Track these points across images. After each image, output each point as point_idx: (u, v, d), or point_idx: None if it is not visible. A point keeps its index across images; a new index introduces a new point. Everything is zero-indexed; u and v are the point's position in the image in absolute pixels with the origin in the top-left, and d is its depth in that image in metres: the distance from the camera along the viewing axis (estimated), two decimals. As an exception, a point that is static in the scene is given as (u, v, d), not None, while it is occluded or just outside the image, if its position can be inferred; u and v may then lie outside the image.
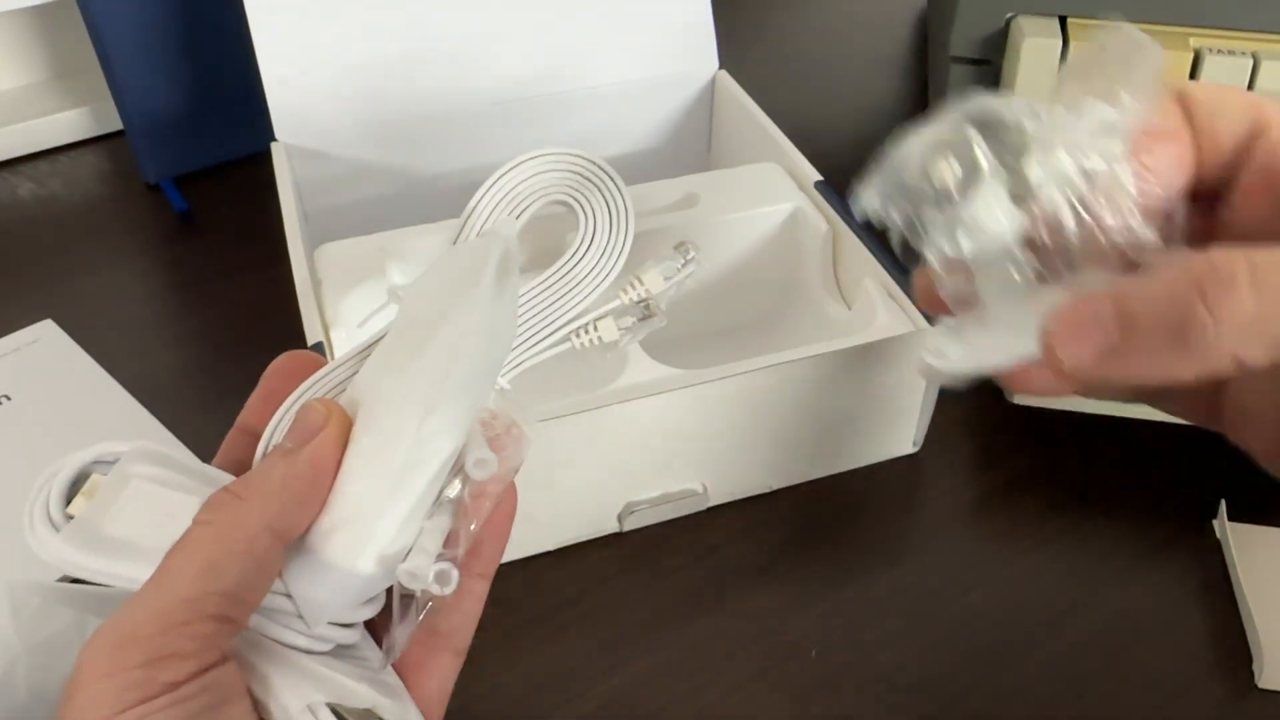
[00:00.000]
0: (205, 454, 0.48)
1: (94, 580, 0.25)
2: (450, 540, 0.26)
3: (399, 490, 0.25)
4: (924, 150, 0.25)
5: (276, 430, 0.28)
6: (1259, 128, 0.26)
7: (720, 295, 0.52)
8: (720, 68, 0.60)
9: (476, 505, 0.27)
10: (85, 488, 0.26)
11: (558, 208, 0.33)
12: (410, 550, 0.26)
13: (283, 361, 0.30)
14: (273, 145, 0.55)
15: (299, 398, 0.28)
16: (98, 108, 0.69)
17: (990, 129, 0.25)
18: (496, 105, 0.58)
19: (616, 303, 0.34)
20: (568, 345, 0.32)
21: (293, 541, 0.25)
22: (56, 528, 0.26)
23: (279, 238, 0.48)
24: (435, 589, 0.25)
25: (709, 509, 0.47)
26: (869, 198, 0.26)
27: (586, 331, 0.32)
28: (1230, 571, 0.44)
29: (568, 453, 0.42)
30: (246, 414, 0.30)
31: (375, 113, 0.56)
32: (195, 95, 0.65)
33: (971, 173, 0.25)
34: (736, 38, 0.75)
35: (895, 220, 0.26)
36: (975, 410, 0.51)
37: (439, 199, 0.58)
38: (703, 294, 0.52)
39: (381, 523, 0.25)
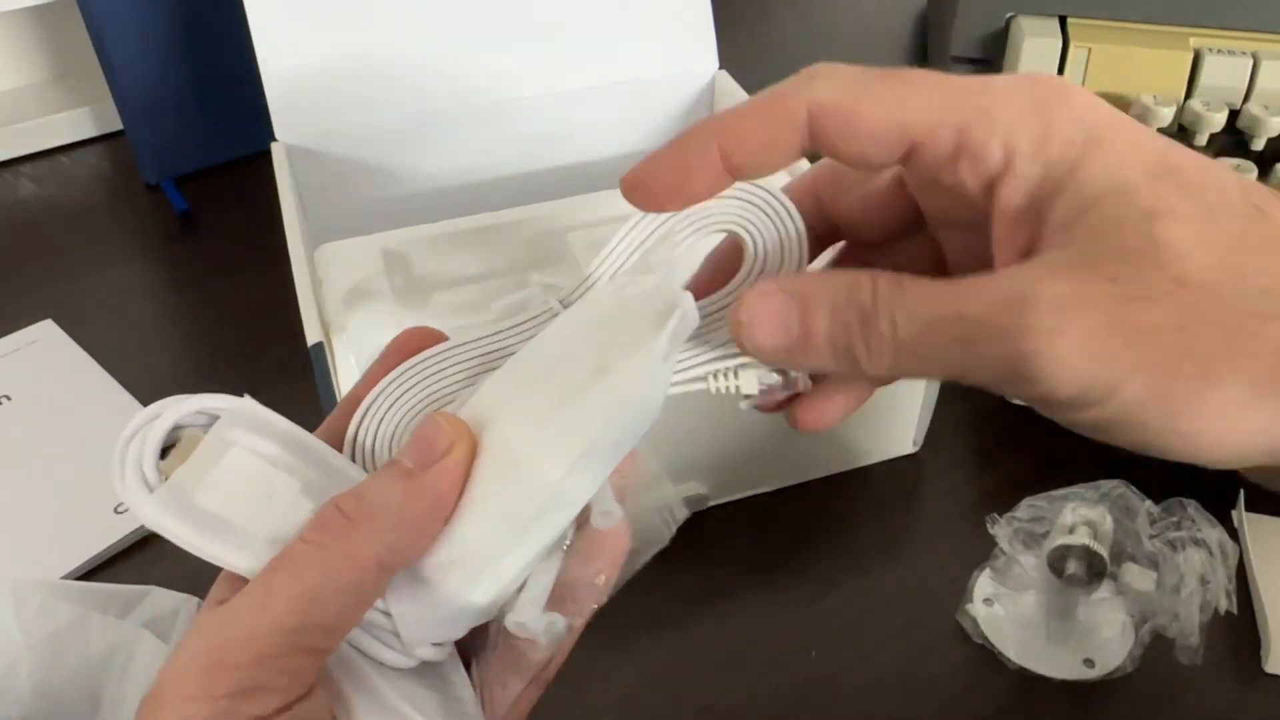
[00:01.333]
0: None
1: (184, 546, 0.24)
2: (566, 589, 0.25)
3: (527, 539, 0.24)
4: None
5: (373, 417, 0.27)
6: (912, 146, 0.25)
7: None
8: (720, 68, 0.60)
9: (596, 550, 0.26)
10: (182, 444, 0.25)
11: (716, 236, 0.30)
12: (521, 593, 0.25)
13: (406, 338, 0.29)
14: (273, 145, 0.54)
15: (408, 381, 0.27)
16: (98, 108, 0.69)
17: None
18: (496, 105, 0.57)
19: None
20: (703, 386, 0.28)
21: (402, 569, 0.24)
22: (150, 487, 0.24)
23: (279, 238, 0.48)
24: (542, 640, 0.25)
25: (709, 509, 0.47)
26: None
27: (725, 377, 0.28)
28: (1244, 560, 0.44)
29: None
30: (361, 386, 0.28)
31: (375, 113, 0.56)
32: (195, 96, 0.64)
33: None
34: (736, 38, 0.75)
35: None
36: (975, 410, 0.51)
37: (439, 199, 0.58)
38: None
39: (504, 564, 0.24)
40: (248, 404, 0.26)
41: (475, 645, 0.27)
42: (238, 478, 0.24)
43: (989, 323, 0.22)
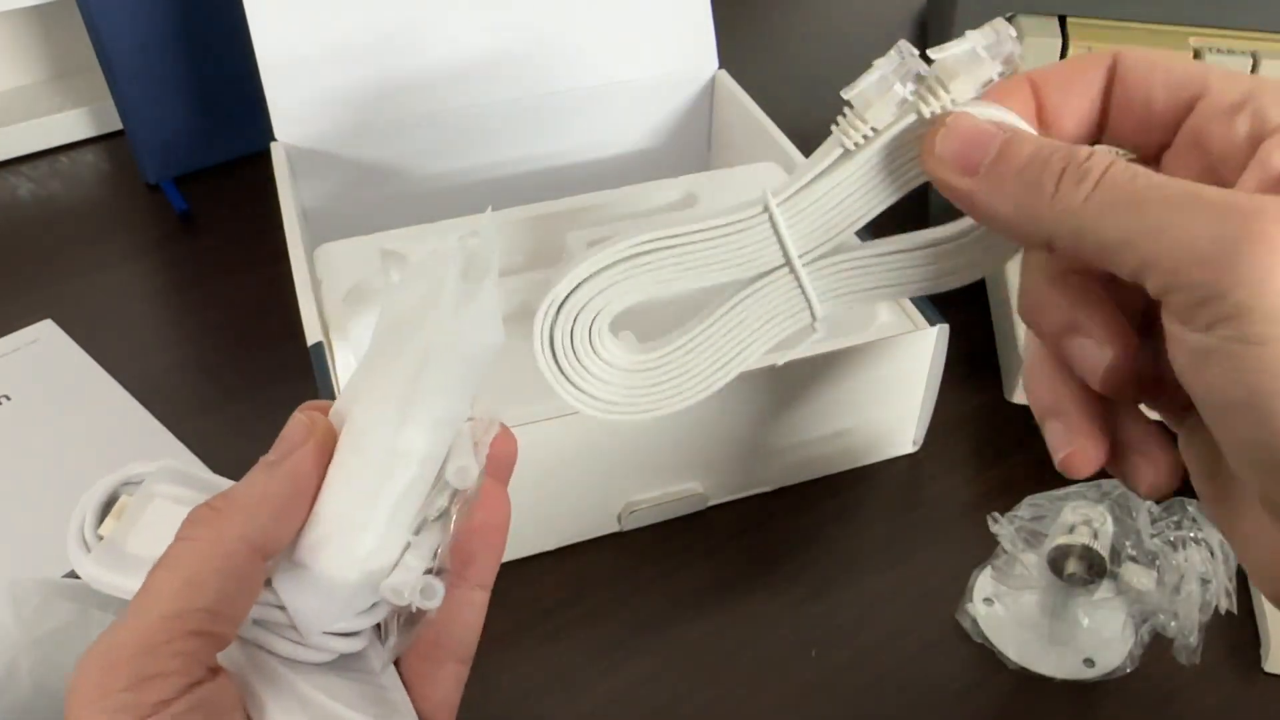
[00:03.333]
0: (205, 453, 0.48)
1: (123, 596, 0.26)
2: (457, 555, 0.27)
3: (376, 501, 0.25)
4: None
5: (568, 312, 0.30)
6: (1196, 94, 0.27)
7: (720, 295, 0.52)
8: (720, 68, 0.60)
9: (475, 513, 0.27)
10: (115, 508, 0.27)
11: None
12: (396, 564, 0.26)
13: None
14: (273, 145, 0.55)
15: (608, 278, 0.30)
16: (98, 108, 0.69)
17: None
18: (496, 105, 0.58)
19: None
20: (909, 119, 0.28)
21: (277, 554, 0.25)
22: (88, 548, 0.26)
23: (279, 238, 0.48)
24: (420, 603, 0.25)
25: (709, 509, 0.47)
26: None
27: (929, 89, 0.28)
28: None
29: (568, 453, 0.42)
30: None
31: (375, 113, 0.56)
32: (195, 95, 0.65)
33: None
34: (736, 38, 0.75)
35: None
36: (975, 410, 0.51)
37: (439, 199, 0.58)
38: (702, 293, 0.52)
39: (362, 534, 0.25)
40: (170, 462, 0.28)
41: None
42: (160, 522, 0.26)
43: (1214, 201, 0.23)
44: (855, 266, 0.31)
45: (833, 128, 0.29)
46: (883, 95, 0.28)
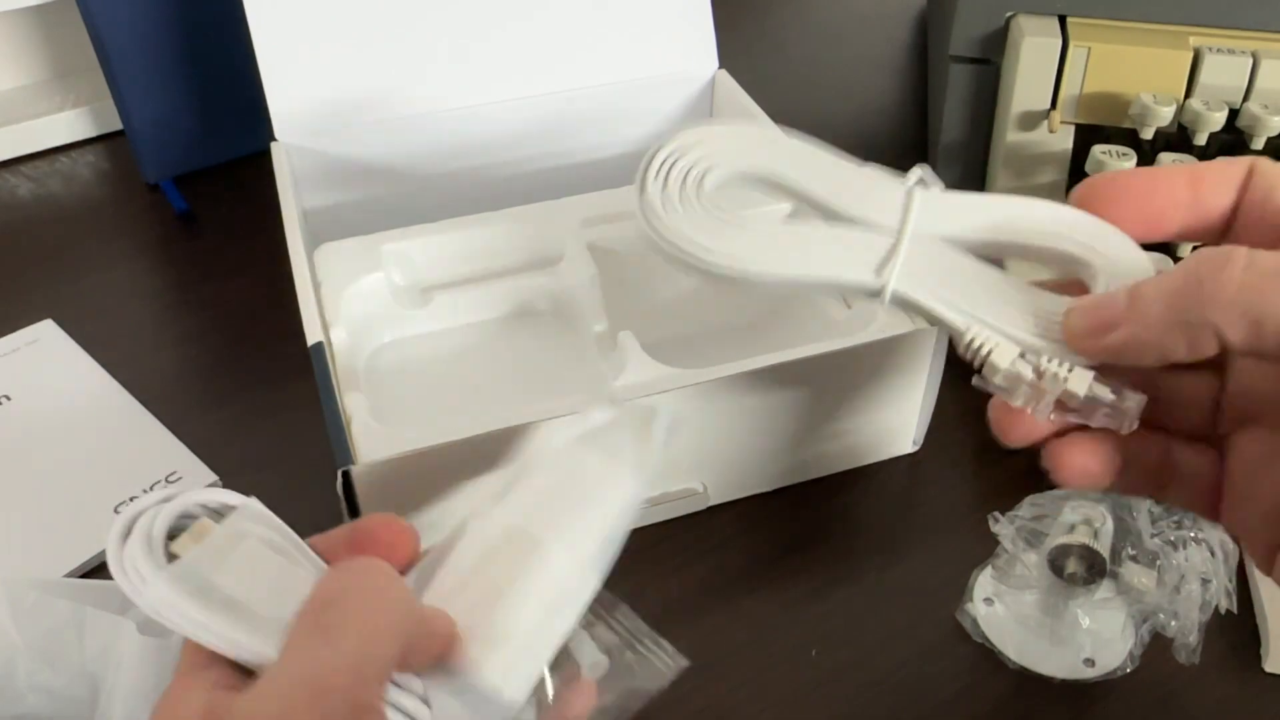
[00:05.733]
0: (205, 453, 0.48)
1: (183, 630, 0.24)
2: None
3: (553, 635, 0.26)
4: None
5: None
6: (1246, 180, 0.29)
7: (720, 295, 0.52)
8: (720, 67, 0.60)
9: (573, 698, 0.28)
10: (194, 529, 0.25)
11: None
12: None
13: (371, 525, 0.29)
14: (273, 145, 0.54)
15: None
16: (98, 108, 0.69)
17: None
18: (497, 105, 0.57)
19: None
20: (1027, 375, 0.29)
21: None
22: (158, 562, 0.24)
23: (279, 238, 0.48)
24: None
25: (709, 509, 0.47)
26: None
27: (1055, 369, 0.29)
28: (1244, 560, 0.44)
29: (568, 452, 0.42)
30: (329, 541, 0.29)
31: (375, 113, 0.56)
32: (195, 95, 0.65)
33: None
34: (736, 38, 0.75)
35: None
36: (975, 410, 0.51)
37: (439, 199, 0.58)
38: (703, 294, 0.52)
39: (535, 662, 0.26)
40: (256, 502, 0.27)
41: None
42: (256, 565, 0.25)
43: None
44: (953, 270, 0.30)
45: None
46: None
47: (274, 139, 0.55)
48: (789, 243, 0.30)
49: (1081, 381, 0.28)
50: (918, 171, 0.31)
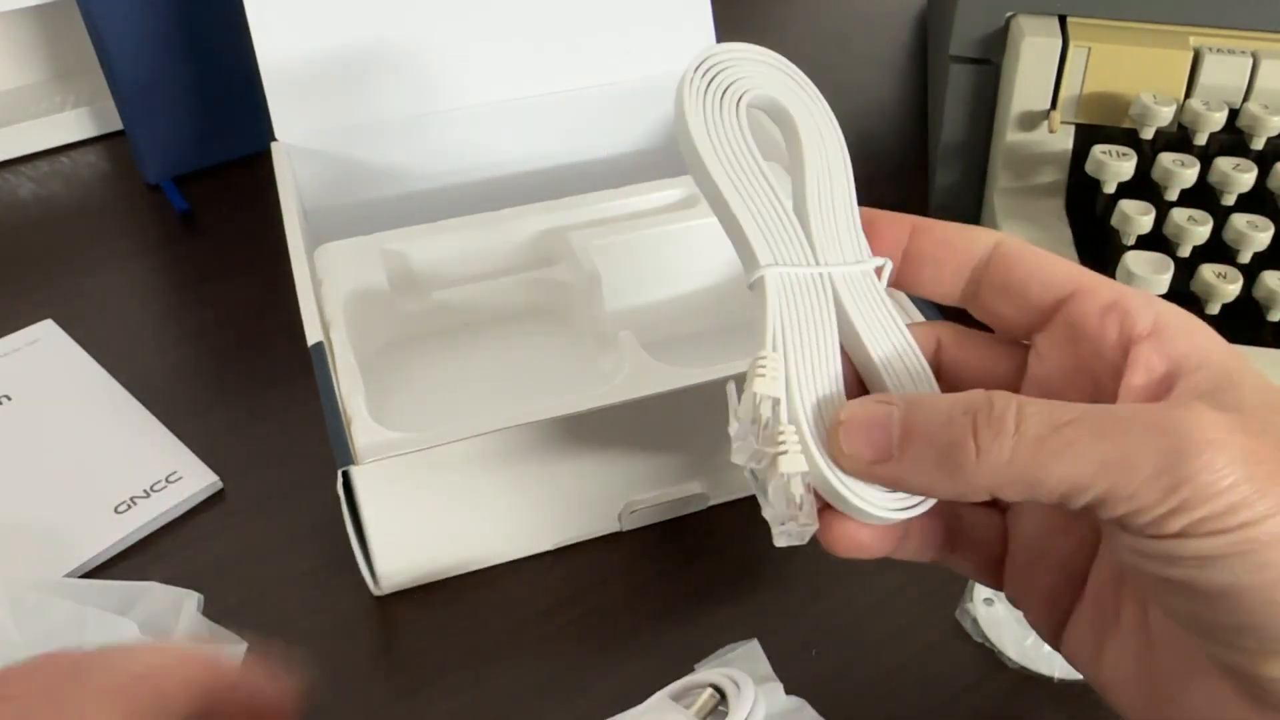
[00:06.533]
0: (205, 453, 0.48)
1: None
2: None
3: None
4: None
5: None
6: (1070, 292, 0.29)
7: (720, 295, 0.52)
8: (720, 67, 0.60)
9: None
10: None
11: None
12: None
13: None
14: (273, 145, 0.54)
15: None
16: (98, 108, 0.69)
17: None
18: (496, 105, 0.58)
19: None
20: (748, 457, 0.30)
21: None
22: None
23: (279, 238, 0.48)
24: None
25: (709, 509, 0.47)
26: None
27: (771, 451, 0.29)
28: None
29: (568, 453, 0.42)
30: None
31: (375, 113, 0.56)
32: (195, 95, 0.65)
33: None
34: (736, 38, 0.75)
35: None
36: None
37: (439, 199, 0.58)
38: (703, 294, 0.52)
39: None
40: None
41: None
42: None
43: (1147, 420, 0.24)
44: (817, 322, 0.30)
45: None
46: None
47: (274, 139, 0.55)
48: (750, 179, 0.31)
49: (791, 465, 0.28)
50: (886, 263, 0.31)
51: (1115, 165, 0.51)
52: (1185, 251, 0.50)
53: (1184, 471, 0.23)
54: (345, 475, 0.39)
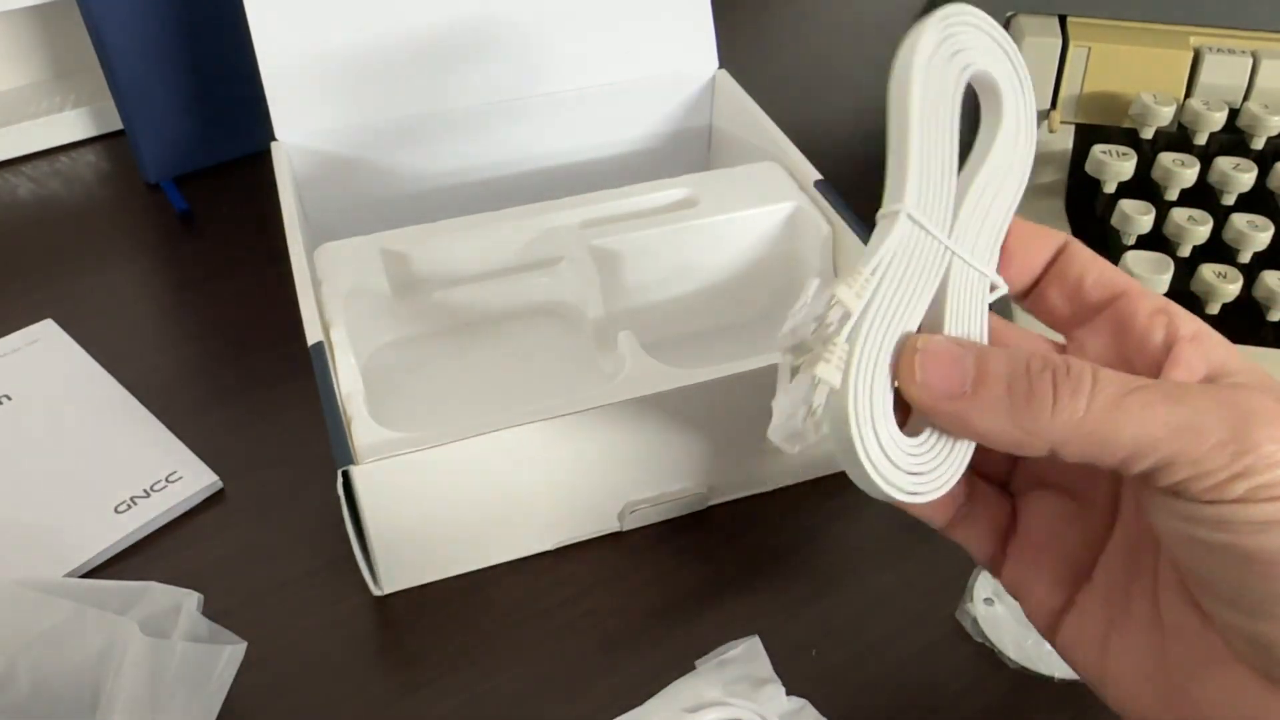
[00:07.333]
0: (205, 453, 0.48)
1: None
2: None
3: None
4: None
5: None
6: (1121, 292, 0.31)
7: (720, 295, 0.52)
8: (720, 68, 0.60)
9: None
10: None
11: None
12: None
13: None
14: (273, 145, 0.55)
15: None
16: (98, 108, 0.69)
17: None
18: (496, 105, 0.58)
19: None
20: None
21: None
22: None
23: (279, 238, 0.48)
24: None
25: (709, 508, 0.47)
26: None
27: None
28: None
29: (568, 452, 0.42)
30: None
31: (375, 113, 0.56)
32: (195, 95, 0.65)
33: None
34: (736, 38, 0.75)
35: None
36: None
37: (439, 199, 0.58)
38: (703, 294, 0.52)
39: None
40: None
41: None
42: None
43: (1215, 394, 0.26)
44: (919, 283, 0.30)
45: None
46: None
47: (274, 139, 0.55)
48: (938, 132, 0.31)
49: (827, 374, 0.27)
50: (1003, 287, 0.32)
51: (1115, 165, 0.51)
52: (1185, 251, 0.50)
53: (1250, 440, 0.25)
54: (345, 475, 0.39)
